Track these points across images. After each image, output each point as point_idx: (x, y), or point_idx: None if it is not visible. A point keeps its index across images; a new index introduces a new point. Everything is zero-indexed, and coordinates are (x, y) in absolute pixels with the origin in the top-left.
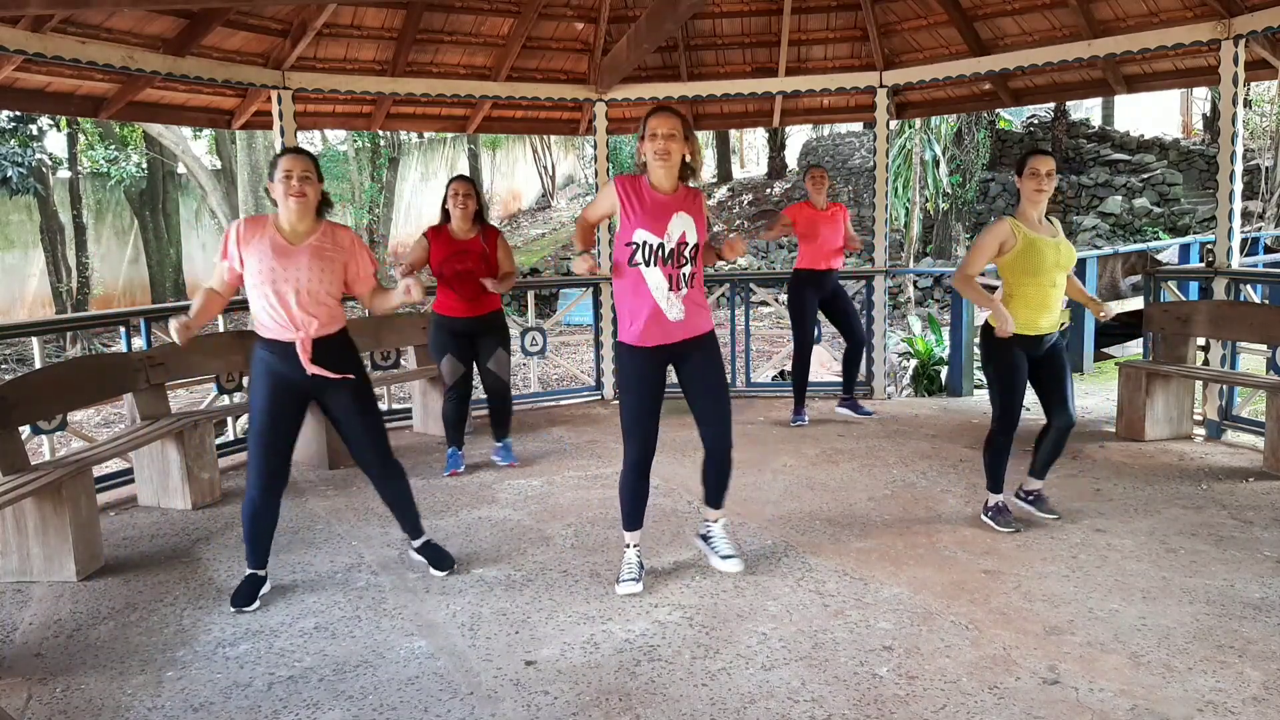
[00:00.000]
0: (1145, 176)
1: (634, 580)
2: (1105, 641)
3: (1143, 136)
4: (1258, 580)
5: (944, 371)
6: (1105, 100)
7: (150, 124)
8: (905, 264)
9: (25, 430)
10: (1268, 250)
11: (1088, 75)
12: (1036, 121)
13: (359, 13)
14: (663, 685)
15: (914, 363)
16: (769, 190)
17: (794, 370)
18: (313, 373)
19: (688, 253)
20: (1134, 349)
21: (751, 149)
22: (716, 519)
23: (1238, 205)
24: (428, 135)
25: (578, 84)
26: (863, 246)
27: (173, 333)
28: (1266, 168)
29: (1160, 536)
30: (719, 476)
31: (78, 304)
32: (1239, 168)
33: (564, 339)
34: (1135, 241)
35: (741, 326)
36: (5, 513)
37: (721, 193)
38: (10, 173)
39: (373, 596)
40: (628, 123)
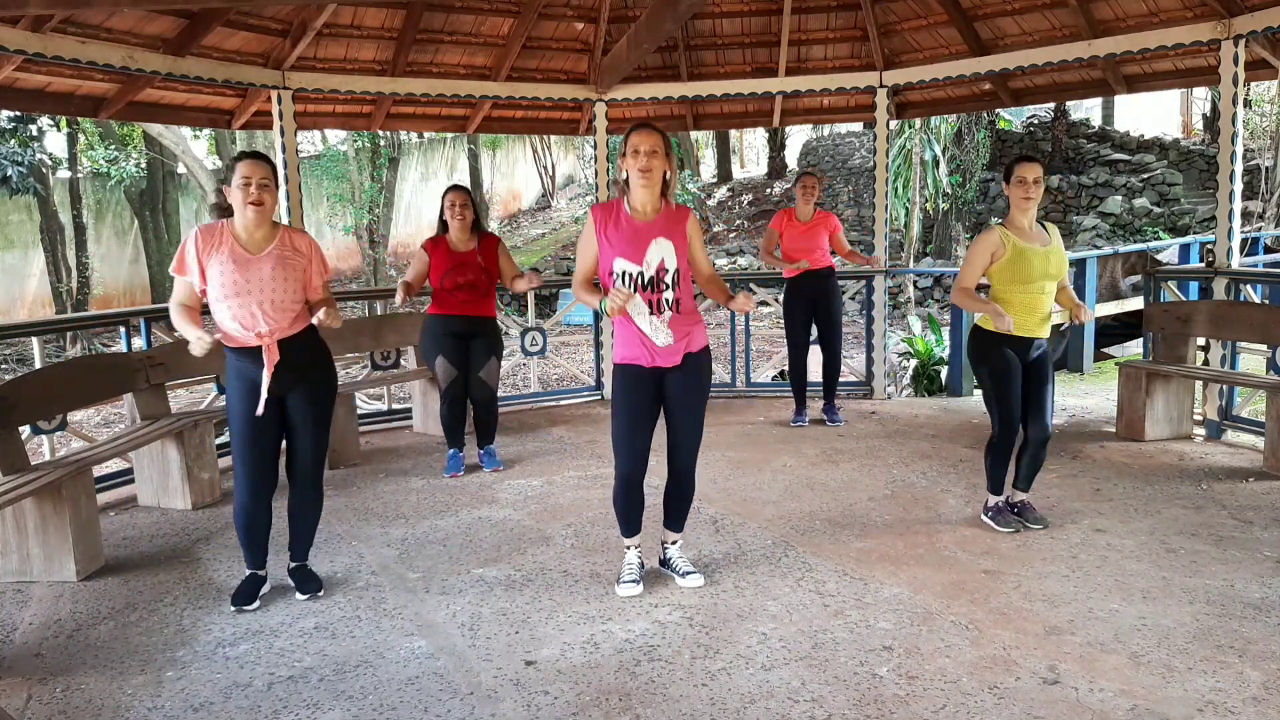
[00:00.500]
0: (1145, 176)
1: (634, 581)
2: (1105, 641)
3: (1143, 136)
4: (1258, 580)
5: (944, 371)
6: (1105, 100)
7: (150, 124)
8: (905, 264)
9: (25, 430)
10: (1268, 250)
11: (1088, 75)
12: (1036, 121)
13: (359, 13)
14: (663, 685)
15: (914, 363)
16: (769, 190)
17: (791, 373)
18: (268, 384)
19: (668, 279)
20: (1134, 349)
21: (751, 149)
22: (676, 541)
23: (1238, 205)
24: (428, 135)
25: (578, 84)
26: (866, 261)
27: (198, 352)
28: (1266, 168)
29: (1160, 536)
30: (681, 498)
31: (78, 304)
32: (1239, 168)
33: (564, 339)
34: (1135, 241)
35: (741, 326)
36: (5, 513)
37: (721, 193)
38: (10, 172)
39: (373, 596)
40: (627, 123)
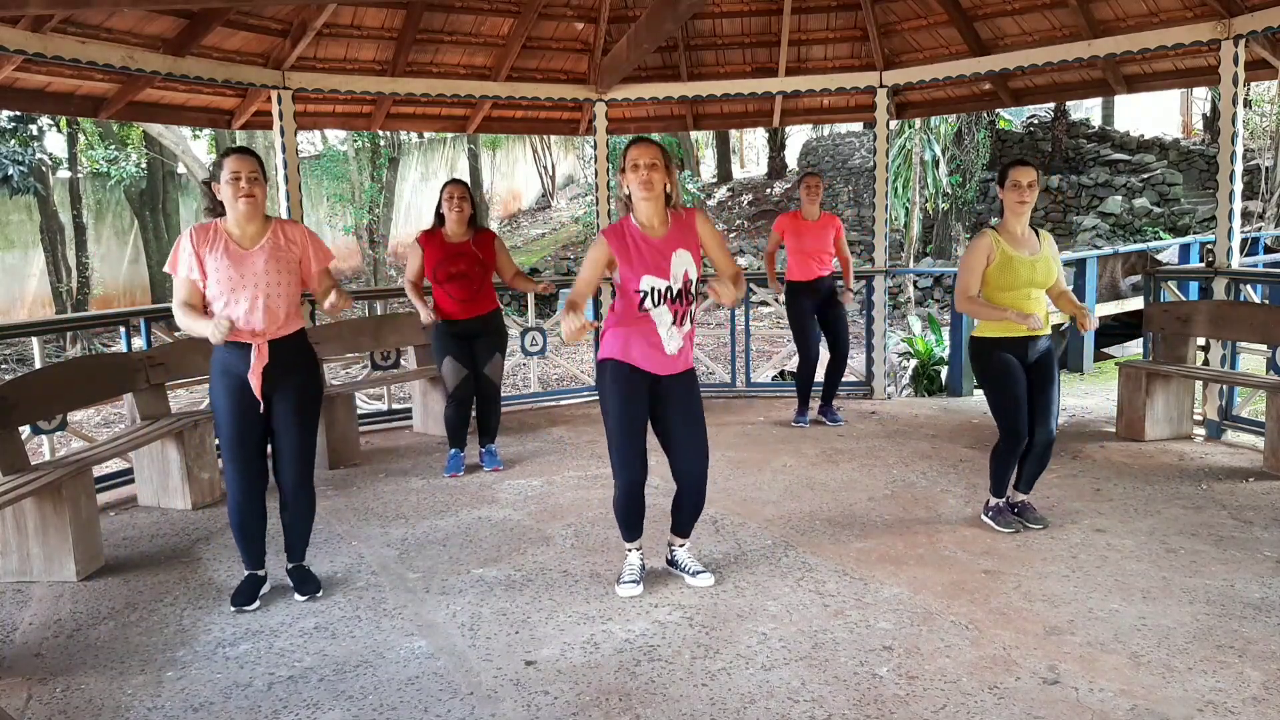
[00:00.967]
0: (1145, 176)
1: (634, 582)
2: (1105, 641)
3: (1143, 136)
4: (1258, 580)
5: (944, 371)
6: (1105, 100)
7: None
8: (905, 264)
9: (25, 430)
10: (1268, 250)
11: (1088, 75)
12: (1036, 121)
13: (359, 13)
14: (663, 685)
15: (914, 363)
16: (769, 190)
17: (798, 374)
18: (255, 382)
19: (693, 289)
20: (1134, 349)
21: (751, 149)
22: (683, 544)
23: (1238, 205)
24: (428, 135)
25: (578, 84)
26: (848, 287)
27: (218, 337)
28: (1266, 168)
29: (1160, 536)
30: (694, 508)
31: (78, 304)
32: (1239, 168)
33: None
34: (1135, 241)
35: (741, 326)
36: (5, 513)
37: (721, 193)
38: (10, 172)
39: (373, 596)
40: (628, 123)
